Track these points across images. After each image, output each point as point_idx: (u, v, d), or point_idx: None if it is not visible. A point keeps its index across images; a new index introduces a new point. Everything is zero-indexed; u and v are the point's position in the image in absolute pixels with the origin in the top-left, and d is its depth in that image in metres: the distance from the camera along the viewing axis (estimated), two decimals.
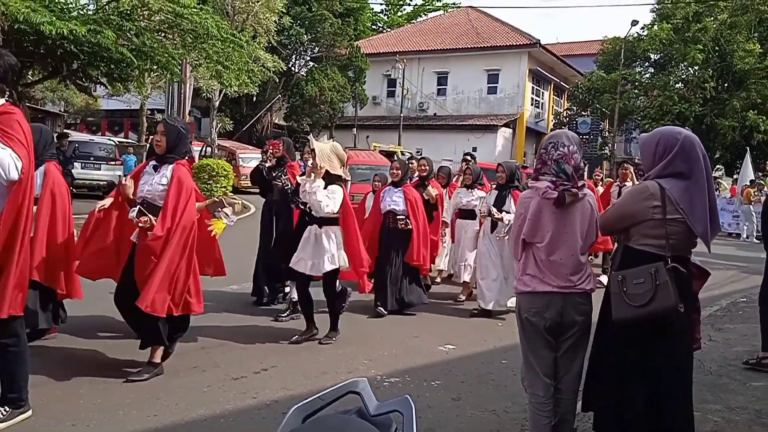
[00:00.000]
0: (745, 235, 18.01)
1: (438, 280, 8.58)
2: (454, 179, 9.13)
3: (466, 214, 7.65)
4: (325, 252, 5.27)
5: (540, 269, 3.08)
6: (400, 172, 6.76)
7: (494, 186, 7.15)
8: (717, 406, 4.23)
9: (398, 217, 6.62)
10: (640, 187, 3.00)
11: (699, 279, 3.06)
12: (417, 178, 7.66)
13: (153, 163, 4.41)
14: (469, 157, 9.39)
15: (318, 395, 1.63)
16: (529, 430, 3.28)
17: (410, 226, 6.60)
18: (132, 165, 17.20)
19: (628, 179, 8.93)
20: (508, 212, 6.54)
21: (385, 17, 51.19)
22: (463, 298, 7.59)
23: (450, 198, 8.17)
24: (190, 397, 4.05)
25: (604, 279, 3.36)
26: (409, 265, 6.67)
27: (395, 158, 10.96)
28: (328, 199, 5.11)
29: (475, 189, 7.62)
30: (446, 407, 4.16)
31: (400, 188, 6.71)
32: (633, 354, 2.91)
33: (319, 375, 4.61)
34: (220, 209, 4.65)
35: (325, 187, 5.15)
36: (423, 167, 7.73)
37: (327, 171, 5.18)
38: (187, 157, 4.51)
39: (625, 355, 2.94)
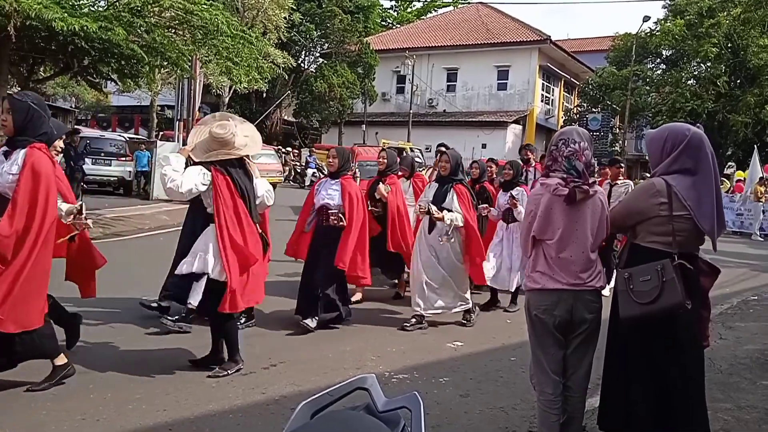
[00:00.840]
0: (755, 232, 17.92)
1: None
2: (424, 172, 8.59)
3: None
4: (209, 250, 4.25)
5: (550, 266, 3.07)
6: (336, 161, 5.76)
7: (435, 178, 6.27)
8: (727, 404, 4.21)
9: (331, 211, 5.68)
10: (646, 184, 2.99)
11: (709, 276, 3.04)
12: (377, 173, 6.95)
13: (4, 148, 3.73)
14: (443, 149, 8.84)
15: (326, 391, 1.63)
16: (538, 427, 3.27)
17: (343, 223, 5.64)
18: (144, 162, 17.16)
19: (620, 177, 8.85)
20: (449, 210, 5.69)
21: (395, 13, 51.13)
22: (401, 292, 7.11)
23: (413, 190, 7.34)
24: (200, 392, 4.06)
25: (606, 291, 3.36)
26: (334, 272, 5.60)
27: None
28: (174, 173, 4.11)
29: None
30: (454, 404, 4.16)
31: (337, 180, 5.75)
32: (639, 352, 2.90)
33: (328, 371, 4.62)
34: (78, 219, 3.90)
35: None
36: (382, 161, 6.87)
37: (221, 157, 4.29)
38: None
39: (632, 353, 2.93)
